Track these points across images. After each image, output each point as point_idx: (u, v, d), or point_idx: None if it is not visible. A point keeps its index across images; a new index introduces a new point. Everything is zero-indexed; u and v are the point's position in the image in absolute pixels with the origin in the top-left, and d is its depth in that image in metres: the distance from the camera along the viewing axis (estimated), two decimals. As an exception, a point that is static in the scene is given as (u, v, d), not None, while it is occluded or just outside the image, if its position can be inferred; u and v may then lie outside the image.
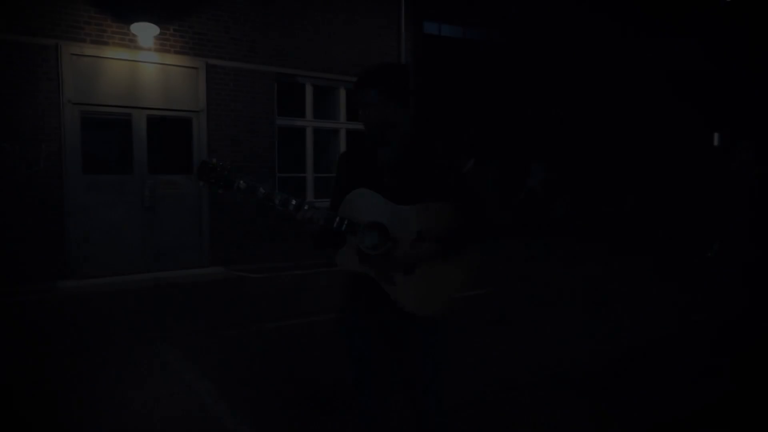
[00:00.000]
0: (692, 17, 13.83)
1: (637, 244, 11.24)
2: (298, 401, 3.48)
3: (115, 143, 7.85)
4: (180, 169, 7.82)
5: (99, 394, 3.57)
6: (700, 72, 13.77)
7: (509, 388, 3.70)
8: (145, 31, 7.26)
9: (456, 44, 15.41)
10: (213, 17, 7.88)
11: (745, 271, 5.38)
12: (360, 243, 1.91)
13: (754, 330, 5.03)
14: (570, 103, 14.13)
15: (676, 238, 11.16)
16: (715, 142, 14.77)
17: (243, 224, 8.11)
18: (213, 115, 7.94)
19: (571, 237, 12.23)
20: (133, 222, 7.42)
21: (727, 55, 13.68)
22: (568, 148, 14.06)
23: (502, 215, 13.26)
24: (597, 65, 14.25)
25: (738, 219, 5.39)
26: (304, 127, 8.95)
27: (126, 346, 4.56)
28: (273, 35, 8.35)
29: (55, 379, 3.82)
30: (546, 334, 4.96)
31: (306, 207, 1.91)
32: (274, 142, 8.52)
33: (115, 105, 7.28)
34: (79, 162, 7.04)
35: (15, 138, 6.62)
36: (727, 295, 5.52)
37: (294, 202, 1.92)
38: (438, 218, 1.95)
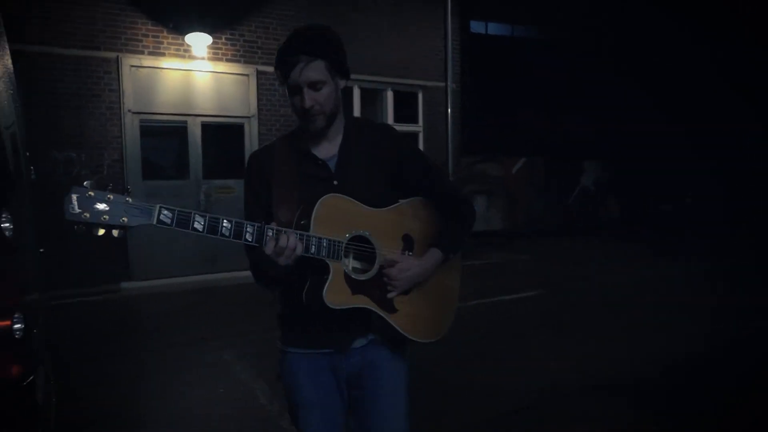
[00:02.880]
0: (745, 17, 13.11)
1: (697, 245, 10.74)
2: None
3: (171, 150, 8.16)
4: (233, 174, 8.05)
5: (159, 391, 3.72)
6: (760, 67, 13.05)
7: (563, 395, 3.61)
8: (199, 41, 7.51)
9: (504, 42, 15.18)
10: (262, 25, 8.07)
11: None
12: (346, 267, 1.52)
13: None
14: (623, 100, 13.66)
15: (737, 238, 10.60)
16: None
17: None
18: (264, 120, 8.13)
19: (627, 238, 11.81)
20: (189, 226, 7.68)
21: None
22: (623, 146, 13.59)
23: (553, 215, 12.96)
24: (653, 61, 13.72)
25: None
26: (352, 130, 9.03)
27: (184, 345, 4.73)
28: (321, 40, 8.47)
29: (118, 375, 4.01)
30: (600, 339, 4.81)
31: (282, 233, 1.41)
32: (322, 145, 8.64)
33: (172, 113, 7.57)
34: (139, 168, 7.36)
35: (80, 146, 6.99)
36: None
37: (270, 230, 1.41)
38: (423, 217, 1.68)
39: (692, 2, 13.26)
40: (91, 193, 1.24)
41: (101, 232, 1.26)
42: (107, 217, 1.25)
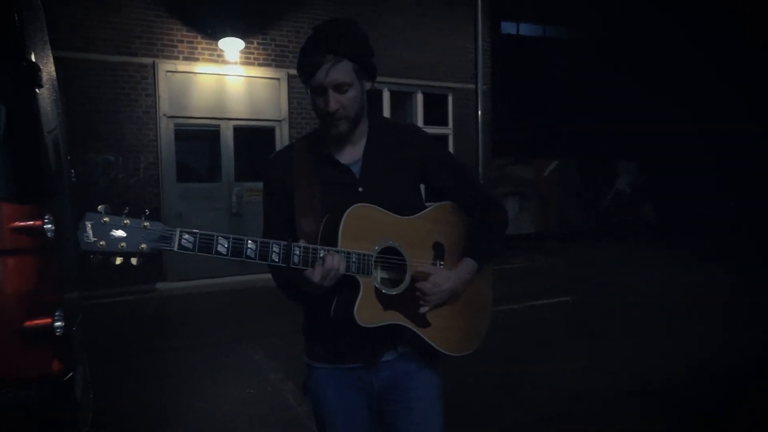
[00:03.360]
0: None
1: (738, 249, 10.39)
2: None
3: (204, 153, 8.32)
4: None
5: (190, 390, 3.79)
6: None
7: (594, 403, 3.54)
8: (232, 46, 7.65)
9: (535, 43, 15.02)
10: (293, 29, 8.17)
11: None
12: (376, 282, 1.44)
13: None
14: (659, 100, 13.34)
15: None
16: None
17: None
18: (294, 123, 8.22)
19: (663, 242, 11.52)
20: (221, 227, 7.81)
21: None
22: (660, 147, 13.27)
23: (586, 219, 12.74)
24: (688, 60, 13.37)
25: None
26: (382, 133, 9.06)
27: (215, 345, 4.81)
28: (351, 44, 8.53)
29: (151, 373, 4.10)
30: (633, 346, 4.70)
31: (322, 253, 1.35)
32: (352, 148, 8.70)
33: (205, 117, 7.72)
34: (174, 171, 7.53)
35: (118, 150, 7.20)
36: None
37: (308, 251, 1.35)
38: (454, 223, 1.59)
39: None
40: (106, 219, 1.15)
41: (119, 261, 1.17)
42: (125, 244, 1.16)
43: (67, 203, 2.73)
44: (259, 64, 7.96)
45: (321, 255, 1.34)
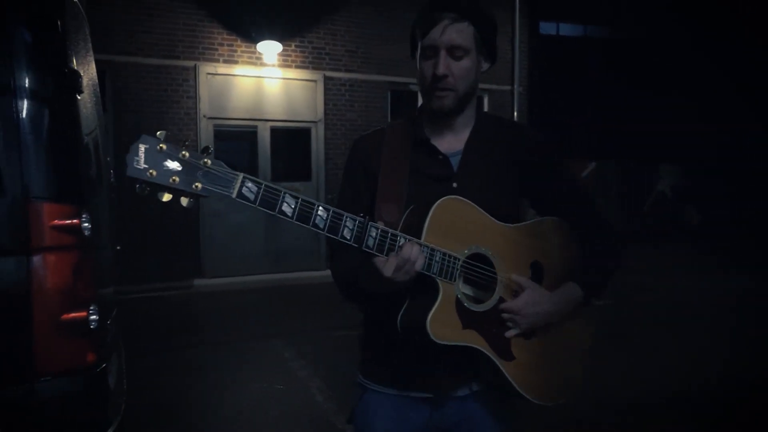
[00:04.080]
0: None
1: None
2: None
3: (242, 153, 8.52)
4: (299, 177, 8.30)
5: (221, 384, 3.91)
6: None
7: (623, 411, 3.47)
8: (270, 49, 7.80)
9: (575, 43, 14.73)
10: (330, 32, 8.27)
11: None
12: (459, 292, 1.21)
13: None
14: (701, 101, 12.89)
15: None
16: None
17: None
18: (330, 124, 8.33)
19: (706, 247, 11.12)
20: (257, 227, 8.00)
21: None
22: (703, 148, 12.82)
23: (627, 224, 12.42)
24: (733, 61, 12.87)
25: None
26: (416, 134, 9.08)
27: (248, 340, 4.93)
28: (386, 46, 8.57)
29: (184, 367, 4.24)
30: (668, 353, 4.57)
31: (402, 241, 1.14)
32: (386, 149, 8.75)
33: (243, 118, 7.91)
34: (212, 171, 7.74)
35: (160, 150, 7.44)
36: None
37: (374, 229, 1.12)
38: (560, 244, 1.36)
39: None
40: (163, 146, 0.99)
41: (167, 197, 1.00)
42: (177, 179, 0.99)
43: (106, 203, 2.86)
44: (297, 67, 8.09)
45: (400, 243, 1.12)
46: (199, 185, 1.01)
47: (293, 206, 1.08)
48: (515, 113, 9.39)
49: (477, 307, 1.23)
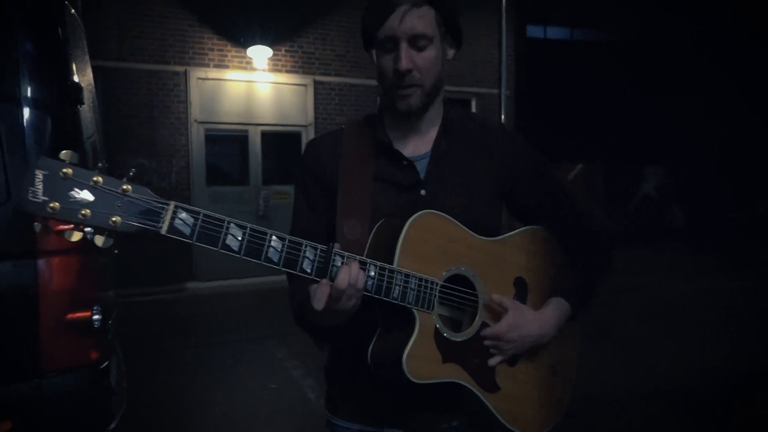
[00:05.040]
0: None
1: (762, 255, 10.18)
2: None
3: (234, 157, 8.60)
4: (290, 180, 8.38)
5: (216, 383, 3.99)
6: None
7: (603, 404, 3.60)
8: (260, 54, 7.90)
9: (562, 46, 14.94)
10: (320, 36, 8.38)
11: None
12: (438, 322, 1.07)
13: None
14: (688, 102, 13.15)
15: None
16: None
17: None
18: (320, 128, 8.43)
19: (691, 247, 11.34)
20: (249, 229, 8.06)
21: None
22: (688, 150, 13.07)
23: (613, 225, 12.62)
24: (721, 63, 13.14)
25: None
26: (406, 137, 9.21)
27: (240, 342, 5.02)
28: (376, 50, 8.70)
29: (179, 367, 4.32)
30: (647, 349, 4.72)
31: (346, 261, 0.98)
32: (376, 152, 8.87)
33: (234, 122, 8.00)
34: (204, 175, 7.82)
35: (152, 154, 7.51)
36: None
37: (333, 256, 0.97)
38: (544, 256, 1.23)
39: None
40: (68, 171, 0.78)
41: (76, 237, 0.80)
42: (89, 213, 0.79)
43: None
44: (287, 71, 8.19)
45: (335, 264, 0.96)
46: (119, 219, 0.81)
47: (240, 238, 0.89)
48: (503, 116, 9.54)
49: (458, 337, 1.09)
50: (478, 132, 1.23)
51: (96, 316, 2.00)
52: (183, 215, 0.86)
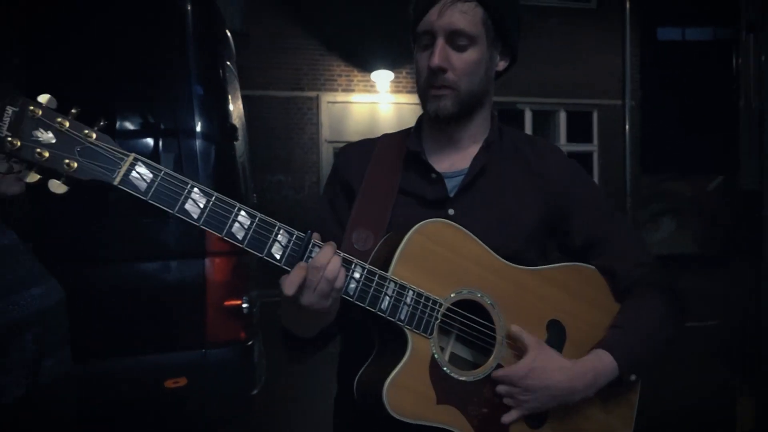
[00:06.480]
0: None
1: None
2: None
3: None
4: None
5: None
6: None
7: None
8: (383, 77, 8.54)
9: (698, 47, 13.95)
10: (439, 57, 8.80)
11: None
12: (437, 350, 0.90)
13: None
14: None
15: None
16: None
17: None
18: (438, 144, 8.84)
19: None
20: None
21: None
22: None
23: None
24: None
25: None
26: (523, 151, 9.29)
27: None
28: (493, 67, 8.93)
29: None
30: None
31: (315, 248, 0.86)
32: (493, 166, 9.08)
33: (359, 141, 8.69)
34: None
35: (287, 171, 8.44)
36: None
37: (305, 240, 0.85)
38: (591, 299, 1.03)
39: None
40: (38, 111, 0.76)
41: (32, 178, 0.76)
42: (47, 154, 0.75)
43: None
44: (407, 92, 8.74)
45: (312, 248, 0.84)
46: (74, 164, 0.76)
47: (202, 206, 0.81)
48: (627, 128, 9.26)
49: (462, 375, 0.91)
50: (530, 155, 1.10)
51: (245, 305, 2.55)
52: (141, 169, 0.79)
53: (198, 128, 2.66)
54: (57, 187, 0.77)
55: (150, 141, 2.72)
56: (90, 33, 2.53)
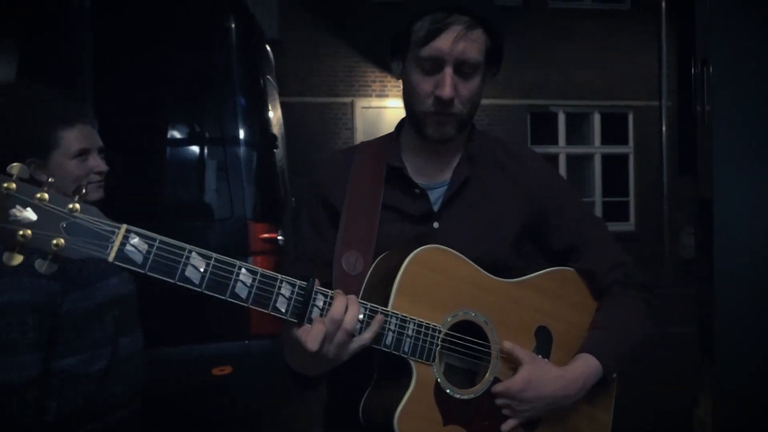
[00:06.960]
0: None
1: None
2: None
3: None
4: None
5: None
6: None
7: None
8: (416, 82, 8.68)
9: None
10: (471, 62, 8.91)
11: None
12: (439, 375, 0.95)
13: None
14: None
15: None
16: None
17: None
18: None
19: None
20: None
21: None
22: None
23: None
24: None
25: None
26: (557, 154, 9.28)
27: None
28: (525, 70, 8.96)
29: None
30: None
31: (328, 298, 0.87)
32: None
33: (392, 145, 8.88)
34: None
35: (323, 175, 8.67)
36: None
37: (322, 297, 0.87)
38: (575, 304, 1.10)
39: None
40: (11, 186, 0.69)
41: (17, 260, 0.70)
42: (29, 233, 0.69)
43: (289, 221, 3.81)
44: (440, 96, 8.85)
45: (328, 301, 0.86)
46: (62, 242, 0.71)
47: (202, 270, 0.79)
48: (663, 129, 9.15)
49: (463, 394, 0.96)
50: (506, 160, 1.12)
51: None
52: (135, 241, 0.76)
53: (241, 137, 2.88)
54: (46, 268, 0.72)
55: (196, 149, 2.97)
56: (148, 51, 2.79)
